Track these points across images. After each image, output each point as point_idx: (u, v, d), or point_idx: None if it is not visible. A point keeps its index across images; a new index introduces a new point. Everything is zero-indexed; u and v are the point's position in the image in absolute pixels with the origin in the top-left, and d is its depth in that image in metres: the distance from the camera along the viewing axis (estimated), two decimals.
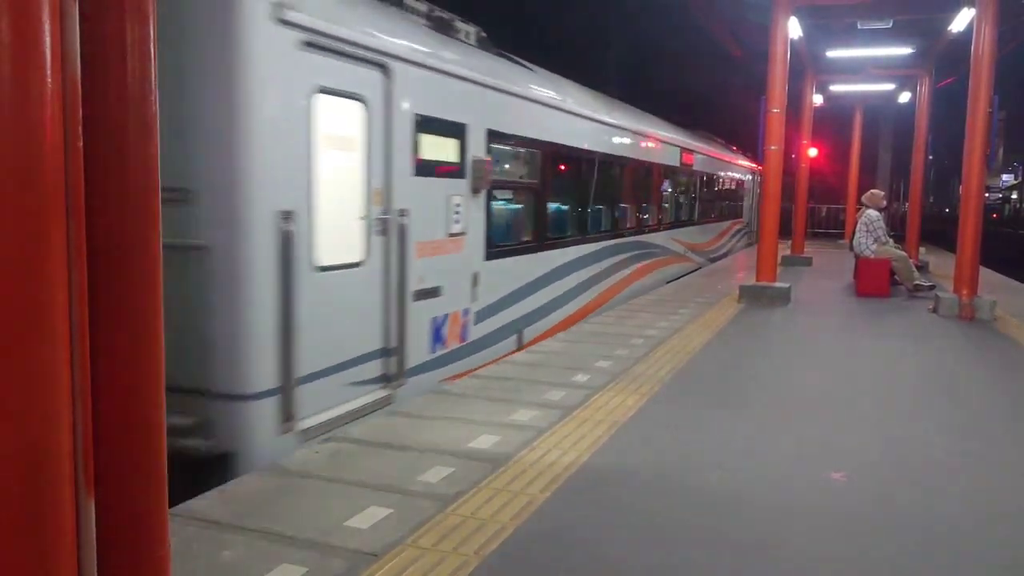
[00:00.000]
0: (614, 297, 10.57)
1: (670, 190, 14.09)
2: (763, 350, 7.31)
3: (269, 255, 4.28)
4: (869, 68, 17.01)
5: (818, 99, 18.44)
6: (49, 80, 1.24)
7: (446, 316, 6.16)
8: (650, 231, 12.68)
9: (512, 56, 8.05)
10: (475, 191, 6.54)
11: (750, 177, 23.03)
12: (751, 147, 16.08)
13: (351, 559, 2.91)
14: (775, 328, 8.44)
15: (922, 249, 17.34)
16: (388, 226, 5.30)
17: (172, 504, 2.07)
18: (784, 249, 14.40)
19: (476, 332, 6.69)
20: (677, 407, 5.12)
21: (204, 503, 3.38)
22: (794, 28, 11.13)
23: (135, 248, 1.45)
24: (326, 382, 4.76)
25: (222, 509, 3.32)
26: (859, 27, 12.94)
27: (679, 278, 13.63)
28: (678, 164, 14.32)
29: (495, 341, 7.07)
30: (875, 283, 11.26)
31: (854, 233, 12.02)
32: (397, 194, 5.35)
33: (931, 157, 18.40)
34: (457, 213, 6.27)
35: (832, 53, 15.29)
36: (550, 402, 5.12)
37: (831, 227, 28.79)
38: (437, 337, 6.05)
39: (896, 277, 11.47)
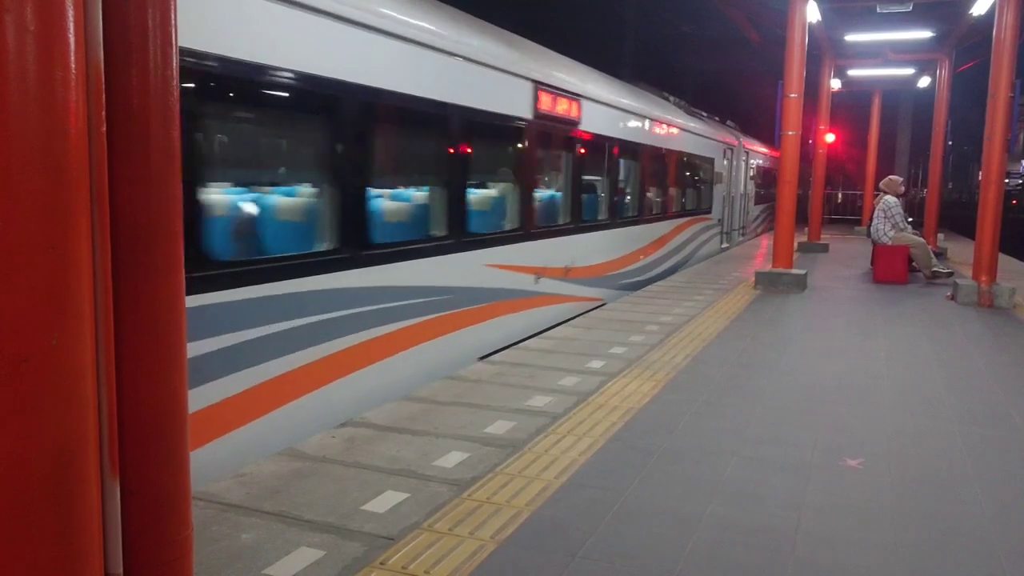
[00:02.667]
0: (763, 231, 23.04)
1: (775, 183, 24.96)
2: (779, 337, 7.28)
3: (741, 197, 19.34)
4: (888, 52, 16.77)
5: (836, 84, 18.25)
6: (73, 67, 1.25)
7: (748, 220, 20.95)
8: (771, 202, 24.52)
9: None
10: (755, 185, 21.28)
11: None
12: (768, 133, 18.21)
13: (368, 542, 2.94)
14: (791, 315, 8.41)
15: (940, 235, 17.18)
16: (746, 196, 20.26)
17: None
18: (800, 236, 14.61)
19: (750, 227, 21.18)
20: (692, 394, 5.12)
21: (222, 486, 3.42)
22: (812, 12, 11.01)
23: (158, 232, 1.47)
24: (741, 231, 19.63)
25: (240, 492, 3.36)
26: (878, 10, 12.73)
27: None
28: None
29: (753, 234, 21.52)
30: (892, 270, 11.17)
31: (871, 219, 11.92)
32: (748, 188, 20.20)
33: (950, 143, 18.25)
34: (751, 192, 20.96)
35: (850, 37, 15.08)
36: (565, 388, 5.13)
37: (848, 213, 28.65)
38: (747, 227, 20.74)
39: (914, 264, 11.37)
